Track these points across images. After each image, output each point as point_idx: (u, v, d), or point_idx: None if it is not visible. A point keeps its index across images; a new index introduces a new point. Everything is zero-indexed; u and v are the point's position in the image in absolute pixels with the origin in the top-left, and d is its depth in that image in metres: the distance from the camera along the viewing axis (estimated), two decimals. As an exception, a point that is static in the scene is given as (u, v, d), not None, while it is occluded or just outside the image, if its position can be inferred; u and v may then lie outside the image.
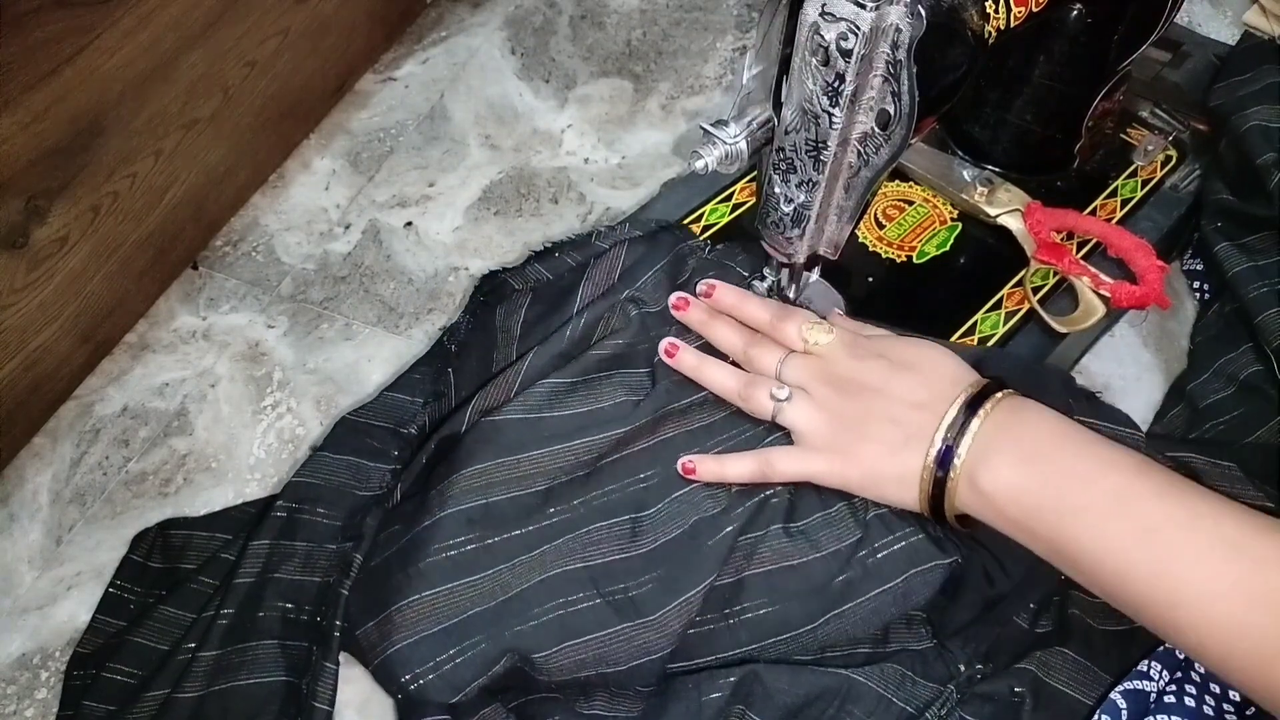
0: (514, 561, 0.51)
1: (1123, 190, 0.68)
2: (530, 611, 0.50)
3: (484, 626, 0.50)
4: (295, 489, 0.59)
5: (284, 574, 0.57)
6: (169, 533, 0.61)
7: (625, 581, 0.50)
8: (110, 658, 0.56)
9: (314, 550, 0.57)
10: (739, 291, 0.57)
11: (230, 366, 0.71)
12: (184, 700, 0.53)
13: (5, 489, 0.66)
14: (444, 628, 0.50)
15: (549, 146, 0.83)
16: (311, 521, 0.58)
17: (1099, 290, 0.60)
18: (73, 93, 0.62)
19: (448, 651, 0.50)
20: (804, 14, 0.44)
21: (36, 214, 0.63)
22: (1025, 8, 0.51)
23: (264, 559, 0.57)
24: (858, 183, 0.49)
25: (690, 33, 0.91)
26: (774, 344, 0.54)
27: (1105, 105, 0.66)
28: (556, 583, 0.51)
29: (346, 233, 0.79)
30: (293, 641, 0.55)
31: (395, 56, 0.91)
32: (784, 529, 0.50)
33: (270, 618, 0.55)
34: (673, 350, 0.55)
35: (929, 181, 0.68)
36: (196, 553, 0.60)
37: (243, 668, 0.54)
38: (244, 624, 0.55)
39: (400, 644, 0.50)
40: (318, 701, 0.52)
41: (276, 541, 0.58)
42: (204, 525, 0.62)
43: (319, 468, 0.60)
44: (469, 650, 0.50)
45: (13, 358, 0.64)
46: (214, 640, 0.54)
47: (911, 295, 0.63)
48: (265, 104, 0.79)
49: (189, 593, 0.58)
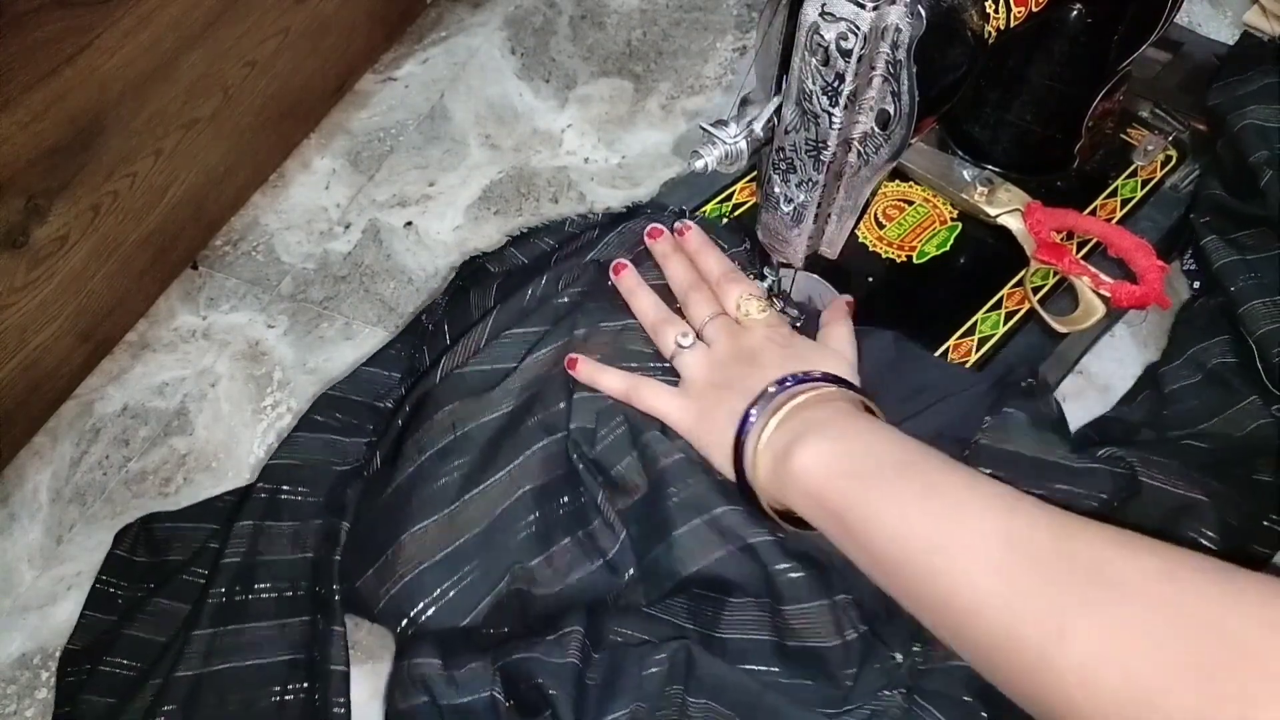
0: (494, 480, 0.53)
1: (1123, 190, 0.68)
2: (515, 525, 0.53)
3: (476, 551, 0.52)
4: (273, 471, 0.60)
5: (274, 555, 0.57)
6: (151, 526, 0.61)
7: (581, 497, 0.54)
8: (106, 652, 0.56)
9: (300, 529, 0.58)
10: (707, 241, 0.60)
11: (230, 366, 0.71)
12: (181, 680, 0.53)
13: (5, 488, 0.66)
14: (441, 556, 0.52)
15: (549, 146, 0.83)
16: (294, 501, 0.59)
17: (1099, 290, 0.60)
18: (73, 92, 0.62)
19: (451, 579, 0.52)
20: (804, 14, 0.44)
21: (36, 213, 0.63)
22: (1025, 8, 0.51)
23: (249, 539, 0.57)
24: (858, 183, 0.49)
25: (690, 33, 0.91)
26: (712, 300, 0.57)
27: (1105, 105, 0.66)
28: (529, 498, 0.53)
29: (346, 232, 0.79)
30: (292, 619, 0.55)
31: (395, 56, 0.91)
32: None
33: (264, 600, 0.56)
34: (620, 269, 0.59)
35: (929, 181, 0.68)
36: (182, 544, 0.60)
37: (237, 651, 0.54)
38: (235, 604, 0.55)
39: (402, 581, 0.52)
40: (333, 664, 0.52)
41: (261, 522, 0.58)
42: (186, 517, 0.62)
43: (295, 449, 0.61)
44: (469, 575, 0.52)
45: (13, 357, 0.64)
46: (205, 620, 0.54)
47: (911, 295, 0.63)
48: (265, 104, 0.79)
49: (181, 584, 0.58)
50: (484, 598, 0.52)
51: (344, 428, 0.62)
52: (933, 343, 0.60)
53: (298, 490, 0.59)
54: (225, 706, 0.53)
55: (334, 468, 0.60)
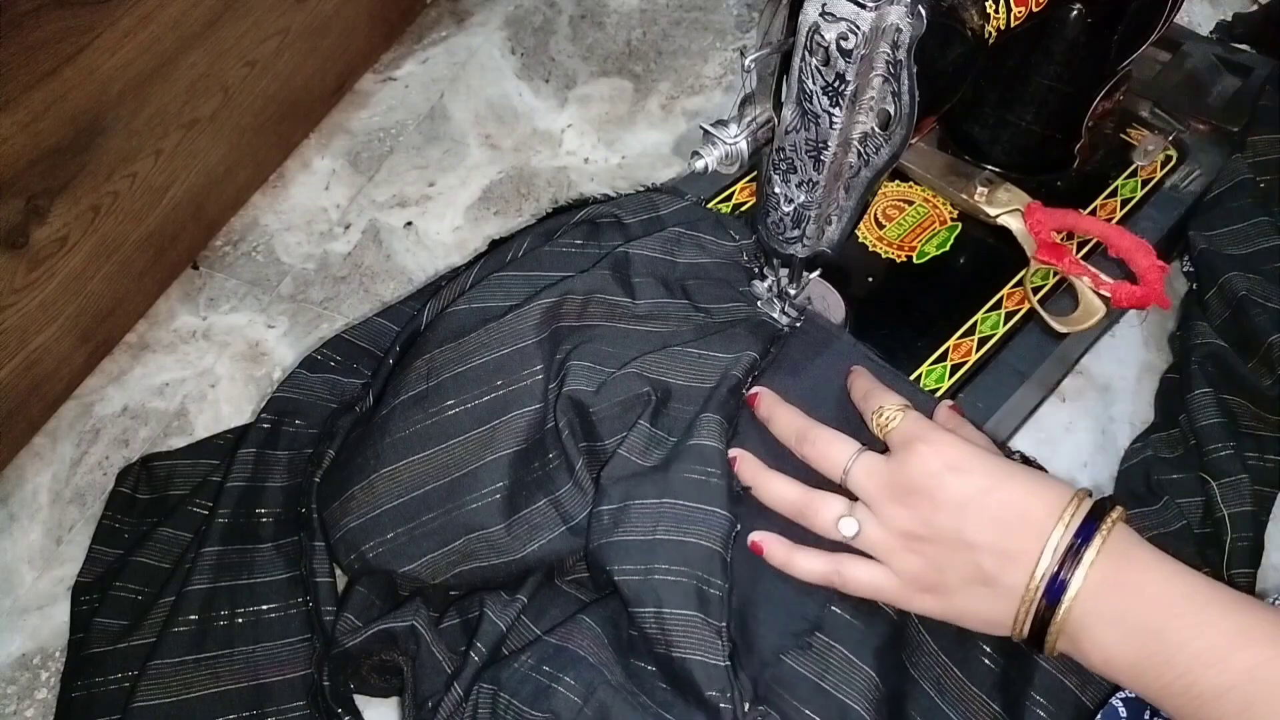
0: (465, 436, 0.53)
1: (1123, 190, 0.68)
2: (481, 489, 0.53)
3: (438, 503, 0.53)
4: (276, 403, 0.63)
5: (272, 483, 0.60)
6: (152, 465, 0.64)
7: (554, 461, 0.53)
8: (117, 578, 0.58)
9: (295, 456, 0.61)
10: (777, 408, 0.52)
11: (230, 366, 0.71)
12: (194, 593, 0.55)
13: (5, 489, 0.66)
14: (401, 502, 0.53)
15: (549, 146, 0.83)
16: (291, 432, 0.62)
17: (1099, 290, 0.60)
18: (72, 92, 0.62)
19: (405, 525, 0.53)
20: (804, 14, 0.44)
21: (36, 214, 0.63)
22: (1025, 8, 0.51)
23: (252, 465, 0.60)
24: (858, 183, 0.49)
25: (690, 33, 0.91)
26: (841, 436, 0.49)
27: (1105, 105, 0.66)
28: (504, 462, 0.53)
29: (346, 233, 0.79)
30: (285, 539, 0.58)
31: (395, 56, 0.91)
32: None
33: (265, 524, 0.59)
34: (735, 456, 0.51)
35: (929, 181, 0.68)
36: (183, 479, 0.64)
37: (243, 568, 0.57)
38: (240, 525, 0.58)
39: (360, 519, 0.53)
40: (317, 577, 0.55)
41: (261, 450, 0.61)
42: (185, 454, 0.65)
43: (297, 384, 0.64)
44: (424, 525, 0.53)
45: (13, 358, 0.64)
46: (214, 538, 0.57)
47: (911, 295, 0.63)
48: (265, 104, 0.79)
49: (186, 514, 0.61)
50: (430, 551, 0.53)
51: (343, 369, 0.65)
52: (933, 343, 0.60)
53: (295, 422, 0.63)
54: (235, 619, 0.56)
55: (330, 405, 0.64)
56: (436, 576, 0.53)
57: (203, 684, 0.54)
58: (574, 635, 0.48)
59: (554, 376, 0.54)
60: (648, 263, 0.59)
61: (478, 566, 0.53)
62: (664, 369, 0.54)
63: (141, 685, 0.53)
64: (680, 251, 0.60)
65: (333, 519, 0.55)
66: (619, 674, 0.47)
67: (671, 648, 0.46)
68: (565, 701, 0.46)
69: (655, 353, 0.54)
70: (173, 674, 0.53)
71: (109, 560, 0.60)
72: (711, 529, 0.48)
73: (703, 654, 0.45)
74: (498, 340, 0.54)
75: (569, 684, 0.46)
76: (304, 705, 0.54)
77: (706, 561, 0.47)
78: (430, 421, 0.54)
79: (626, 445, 0.52)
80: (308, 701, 0.54)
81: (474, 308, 0.57)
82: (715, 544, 0.48)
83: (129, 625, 0.56)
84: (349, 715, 0.52)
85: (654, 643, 0.47)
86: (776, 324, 0.57)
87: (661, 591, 0.47)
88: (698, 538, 0.48)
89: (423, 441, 0.54)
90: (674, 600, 0.46)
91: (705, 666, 0.45)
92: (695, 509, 0.49)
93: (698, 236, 0.60)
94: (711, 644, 0.46)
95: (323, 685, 0.52)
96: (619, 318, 0.56)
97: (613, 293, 0.56)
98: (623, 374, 0.53)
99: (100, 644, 0.56)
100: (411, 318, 0.64)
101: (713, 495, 0.49)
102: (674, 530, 0.48)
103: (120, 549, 0.60)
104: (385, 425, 0.55)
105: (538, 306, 0.54)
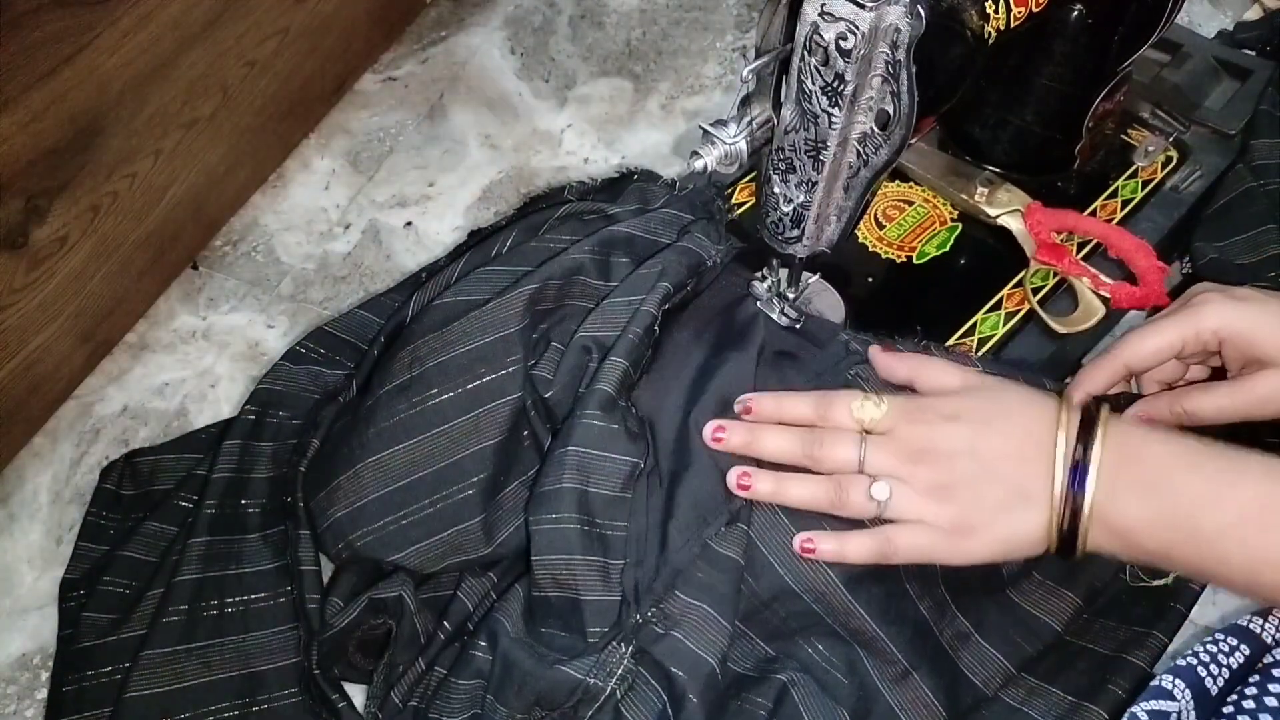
0: (449, 425, 0.54)
1: (1123, 191, 0.68)
2: (466, 480, 0.53)
3: (425, 493, 0.53)
4: (259, 395, 0.64)
5: (257, 474, 0.61)
6: (135, 461, 0.64)
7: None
8: (104, 573, 0.58)
9: (280, 448, 0.62)
10: (773, 395, 0.53)
11: (230, 366, 0.71)
12: (183, 584, 0.56)
13: (5, 489, 0.66)
14: (388, 491, 0.54)
15: (549, 146, 0.83)
16: (276, 423, 0.63)
17: (1099, 291, 0.60)
18: (72, 92, 0.62)
19: (392, 514, 0.53)
20: (803, 14, 0.44)
21: (36, 214, 0.63)
22: (1025, 8, 0.51)
23: (237, 457, 0.61)
24: (857, 183, 0.49)
25: (690, 33, 0.91)
26: (838, 435, 0.50)
27: (1105, 106, 0.66)
28: (487, 452, 0.53)
29: (346, 233, 0.79)
30: (272, 530, 0.59)
31: (395, 56, 0.91)
32: None
33: (250, 515, 0.59)
34: (746, 482, 0.51)
35: (929, 181, 0.68)
36: (167, 474, 0.64)
37: (231, 558, 0.58)
38: (227, 516, 0.59)
39: (347, 508, 0.54)
40: (303, 565, 0.56)
41: (246, 442, 0.61)
42: (169, 449, 0.65)
43: (280, 376, 0.65)
44: (414, 514, 0.53)
45: (13, 358, 0.64)
46: (201, 529, 0.58)
47: (911, 296, 0.63)
48: (265, 104, 0.79)
49: (171, 508, 0.61)
50: (417, 541, 0.53)
51: (326, 361, 0.65)
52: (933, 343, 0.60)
53: (278, 413, 0.63)
54: (224, 609, 0.56)
55: (314, 396, 0.64)
56: (426, 568, 0.54)
57: (194, 673, 0.54)
58: (502, 604, 0.51)
59: (529, 360, 0.55)
60: (630, 241, 0.59)
61: (465, 560, 0.54)
62: (598, 325, 0.55)
63: (133, 676, 0.53)
64: (665, 232, 0.60)
65: (319, 508, 0.55)
66: (520, 628, 0.50)
67: (570, 589, 0.49)
68: (483, 663, 0.49)
69: (592, 311, 0.55)
70: (164, 664, 0.54)
71: (95, 556, 0.60)
72: (609, 475, 0.50)
73: (597, 594, 0.49)
74: (479, 329, 0.55)
75: (481, 645, 0.49)
76: (295, 692, 0.54)
77: (605, 506, 0.50)
78: (414, 411, 0.54)
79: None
80: (300, 688, 0.54)
81: (459, 300, 0.57)
82: (614, 489, 0.50)
83: (118, 619, 0.56)
84: (341, 699, 0.53)
85: (563, 586, 0.49)
86: (705, 255, 0.57)
87: (555, 539, 0.49)
88: (598, 486, 0.50)
89: (407, 431, 0.54)
90: (572, 546, 0.49)
91: (599, 605, 0.49)
92: (593, 455, 0.51)
93: (688, 228, 0.61)
94: (609, 584, 0.49)
95: (313, 673, 0.53)
96: (592, 299, 0.57)
97: (589, 274, 0.57)
98: (570, 347, 0.54)
99: (89, 638, 0.56)
100: (394, 310, 0.64)
101: (610, 440, 0.51)
102: (576, 477, 0.50)
103: (106, 545, 0.60)
104: (370, 415, 0.55)
105: (520, 295, 0.55)
